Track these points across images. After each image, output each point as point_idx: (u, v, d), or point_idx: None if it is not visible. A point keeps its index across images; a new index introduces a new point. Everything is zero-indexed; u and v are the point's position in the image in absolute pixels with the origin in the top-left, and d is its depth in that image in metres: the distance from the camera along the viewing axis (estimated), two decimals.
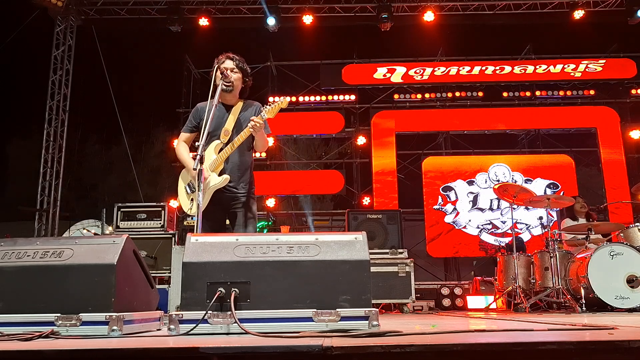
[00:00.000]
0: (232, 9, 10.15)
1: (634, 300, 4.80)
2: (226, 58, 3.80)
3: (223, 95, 3.75)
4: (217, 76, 3.73)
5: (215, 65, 3.76)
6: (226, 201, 3.68)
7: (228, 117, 3.78)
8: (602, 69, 10.38)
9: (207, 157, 3.66)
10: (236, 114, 3.80)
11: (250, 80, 3.96)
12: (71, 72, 10.36)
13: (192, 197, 3.68)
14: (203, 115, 3.70)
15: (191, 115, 3.89)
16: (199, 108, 3.87)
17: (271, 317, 2.27)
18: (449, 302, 7.72)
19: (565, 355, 1.62)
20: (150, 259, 6.46)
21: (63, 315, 2.28)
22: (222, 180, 3.61)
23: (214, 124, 3.69)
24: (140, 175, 15.88)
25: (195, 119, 3.85)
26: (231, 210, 3.72)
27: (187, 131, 3.89)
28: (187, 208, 3.73)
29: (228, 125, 3.75)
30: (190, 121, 3.87)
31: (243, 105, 3.88)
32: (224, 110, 3.81)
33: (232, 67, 3.77)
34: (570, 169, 9.96)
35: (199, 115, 3.81)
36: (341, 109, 10.60)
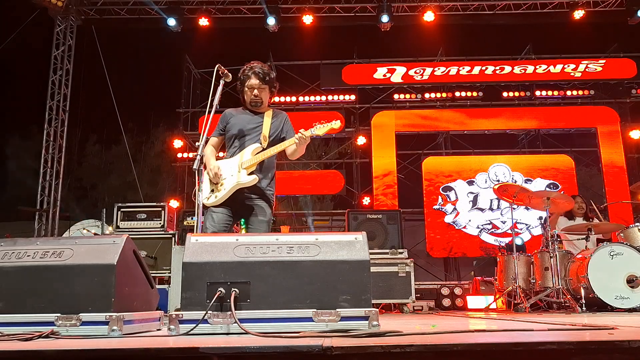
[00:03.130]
0: (232, 9, 10.15)
1: (634, 300, 4.80)
2: (252, 73, 3.86)
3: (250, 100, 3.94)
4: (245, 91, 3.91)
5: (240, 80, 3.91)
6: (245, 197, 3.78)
7: (263, 123, 3.91)
8: (602, 69, 10.38)
9: (242, 155, 3.79)
10: (269, 122, 3.92)
11: (277, 88, 4.07)
12: (71, 72, 10.36)
13: (213, 188, 3.78)
14: (231, 120, 3.92)
15: (220, 121, 4.02)
16: (227, 113, 4.03)
17: (271, 317, 2.27)
18: (449, 302, 7.72)
19: (566, 355, 1.62)
20: (150, 259, 6.46)
21: (63, 315, 2.28)
22: (251, 180, 3.72)
23: (240, 127, 3.87)
24: (140, 175, 15.90)
25: (222, 123, 3.99)
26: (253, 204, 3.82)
27: (215, 135, 4.01)
28: (204, 198, 3.78)
29: (265, 131, 3.88)
30: (219, 126, 4.00)
31: (273, 112, 4.01)
32: (253, 116, 3.96)
33: (258, 84, 3.87)
34: (570, 169, 9.96)
35: (227, 120, 3.97)
36: (341, 109, 10.59)
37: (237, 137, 3.89)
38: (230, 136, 3.91)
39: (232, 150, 3.88)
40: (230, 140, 3.92)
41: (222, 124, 3.99)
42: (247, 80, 3.88)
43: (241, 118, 3.95)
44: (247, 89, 3.89)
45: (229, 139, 3.94)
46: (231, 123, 3.94)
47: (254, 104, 3.90)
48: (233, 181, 3.71)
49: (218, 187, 3.75)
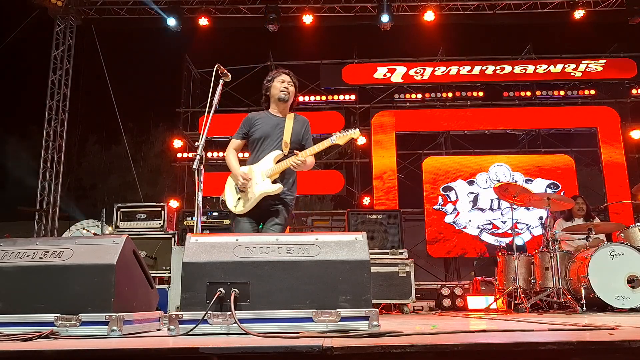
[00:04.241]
0: (232, 9, 10.15)
1: (635, 301, 4.80)
2: (282, 73, 4.09)
3: (276, 105, 4.04)
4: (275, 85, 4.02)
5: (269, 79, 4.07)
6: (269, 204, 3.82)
7: (284, 129, 3.95)
8: (602, 68, 10.37)
9: (265, 163, 3.84)
10: (290, 126, 3.97)
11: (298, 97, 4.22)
12: (71, 72, 10.36)
13: (239, 196, 3.83)
14: (254, 124, 3.97)
15: (242, 124, 4.06)
16: (250, 117, 4.07)
17: (271, 318, 2.26)
18: (449, 303, 7.72)
19: (566, 355, 1.62)
20: (150, 259, 6.46)
21: (63, 316, 2.28)
22: (277, 189, 3.78)
23: (263, 131, 3.93)
24: (140, 175, 15.90)
25: (245, 127, 4.03)
26: (272, 209, 3.85)
27: (237, 138, 4.04)
28: (232, 206, 3.86)
29: (286, 137, 3.93)
30: (242, 129, 4.03)
31: (294, 117, 4.08)
32: (275, 120, 4.00)
33: (289, 80, 4.05)
34: (570, 169, 9.95)
35: (250, 123, 4.01)
36: (341, 109, 10.59)
37: (259, 141, 3.93)
38: (253, 140, 3.96)
39: (255, 155, 3.92)
40: (253, 144, 3.97)
41: (245, 128, 4.02)
42: (277, 76, 4.05)
43: (264, 122, 3.99)
44: (277, 83, 4.02)
45: (251, 142, 3.98)
46: (254, 127, 3.98)
47: (283, 96, 3.98)
48: (259, 190, 3.77)
49: (245, 195, 3.80)
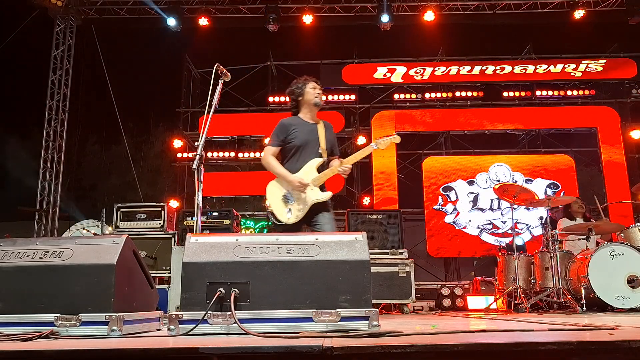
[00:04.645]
0: (232, 9, 10.14)
1: (635, 301, 4.80)
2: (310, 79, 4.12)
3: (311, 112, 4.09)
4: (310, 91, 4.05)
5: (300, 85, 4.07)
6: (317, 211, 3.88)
7: (319, 136, 4.02)
8: (602, 68, 10.37)
9: (308, 171, 3.88)
10: (323, 133, 4.05)
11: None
12: (71, 71, 10.36)
13: (289, 206, 3.82)
14: (291, 131, 3.96)
15: (278, 131, 4.02)
16: (287, 124, 4.05)
17: (271, 318, 2.26)
18: (449, 303, 7.72)
19: (566, 355, 1.62)
20: (150, 259, 6.46)
21: (63, 316, 2.28)
22: (327, 196, 3.86)
23: (302, 139, 3.96)
24: (140, 175, 15.90)
25: (282, 134, 4.00)
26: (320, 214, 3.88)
27: (275, 146, 4.00)
28: (284, 217, 3.82)
29: (322, 144, 4.01)
30: (278, 136, 4.00)
31: (324, 123, 4.14)
32: (309, 127, 4.05)
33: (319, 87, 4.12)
34: (570, 169, 9.95)
35: (288, 130, 3.99)
36: (341, 109, 10.59)
37: (299, 149, 3.94)
38: (292, 147, 3.95)
39: (294, 163, 3.92)
40: (291, 152, 3.96)
41: (283, 135, 3.99)
42: (308, 83, 4.07)
43: (301, 129, 4.00)
44: (310, 89, 4.06)
45: (289, 149, 3.97)
46: (292, 134, 3.97)
47: (319, 101, 4.05)
48: (311, 197, 3.81)
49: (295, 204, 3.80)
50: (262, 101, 11.00)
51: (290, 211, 3.80)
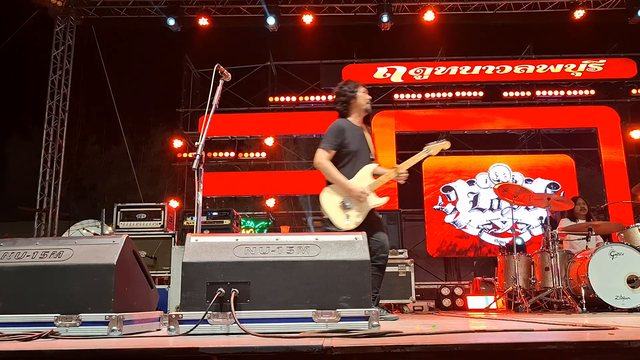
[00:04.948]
0: (232, 9, 10.15)
1: (635, 301, 4.80)
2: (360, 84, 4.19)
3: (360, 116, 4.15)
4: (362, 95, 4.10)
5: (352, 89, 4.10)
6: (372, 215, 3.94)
7: (368, 142, 4.08)
8: (602, 68, 10.37)
9: (363, 177, 3.91)
10: (369, 138, 4.12)
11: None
12: (71, 71, 10.36)
13: (347, 213, 3.80)
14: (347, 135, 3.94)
15: (335, 134, 3.97)
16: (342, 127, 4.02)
17: (271, 318, 2.26)
18: (449, 303, 7.72)
19: (566, 355, 1.62)
20: (149, 259, 6.46)
21: (63, 316, 2.28)
22: (383, 202, 3.94)
23: (357, 144, 3.97)
24: (140, 175, 15.90)
25: (340, 137, 3.95)
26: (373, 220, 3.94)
27: (332, 149, 3.94)
28: (343, 224, 3.80)
29: (371, 148, 4.08)
30: (336, 139, 3.94)
31: (367, 129, 4.19)
32: (360, 131, 4.08)
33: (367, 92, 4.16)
34: (570, 169, 9.95)
35: (345, 135, 3.96)
36: None
37: (355, 154, 3.93)
38: (348, 152, 3.92)
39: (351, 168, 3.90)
40: (348, 156, 3.93)
41: (339, 139, 3.94)
42: (359, 87, 4.11)
43: (354, 133, 3.99)
44: (362, 94, 4.09)
45: (345, 154, 3.93)
46: (347, 139, 3.94)
47: (369, 109, 4.13)
48: (370, 204, 3.83)
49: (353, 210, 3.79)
50: (262, 101, 11.01)
51: (349, 217, 3.77)
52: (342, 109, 4.11)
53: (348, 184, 3.81)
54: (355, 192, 3.77)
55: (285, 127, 10.69)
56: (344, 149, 3.91)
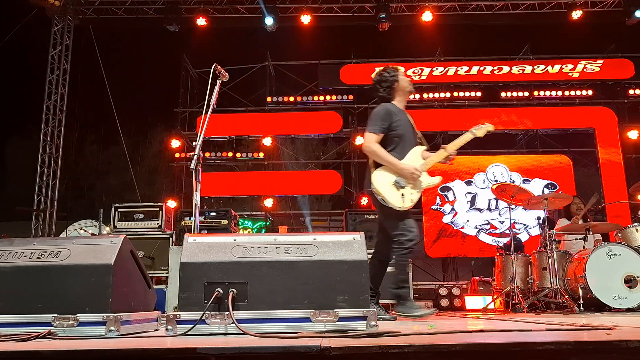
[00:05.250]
0: (230, 9, 10.14)
1: (632, 301, 4.81)
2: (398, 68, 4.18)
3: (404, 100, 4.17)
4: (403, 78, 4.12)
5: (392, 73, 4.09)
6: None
7: (412, 124, 4.08)
8: (600, 69, 10.40)
9: (413, 158, 3.91)
10: (413, 121, 4.13)
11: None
12: (68, 71, 10.35)
13: (402, 191, 3.79)
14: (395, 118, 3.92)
15: (383, 117, 3.91)
16: (390, 110, 3.97)
17: (269, 318, 2.26)
18: (447, 303, 7.72)
19: (564, 355, 1.62)
20: (147, 259, 6.45)
21: (60, 316, 2.28)
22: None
23: (405, 127, 3.97)
24: (138, 175, 15.88)
25: (387, 121, 3.90)
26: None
27: (380, 132, 3.88)
28: (399, 203, 3.77)
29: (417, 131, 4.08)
30: (383, 122, 3.89)
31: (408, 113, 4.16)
32: (405, 115, 4.07)
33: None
34: (568, 169, 9.97)
35: (393, 118, 3.93)
36: (339, 109, 10.60)
37: (401, 138, 3.91)
38: (396, 136, 3.90)
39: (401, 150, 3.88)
40: (397, 139, 3.90)
41: (387, 122, 3.89)
42: (399, 70, 4.13)
43: (401, 117, 3.99)
44: (403, 77, 4.13)
45: (394, 137, 3.90)
46: (395, 122, 3.91)
47: (412, 89, 4.20)
48: (423, 182, 3.86)
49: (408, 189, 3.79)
50: (260, 101, 11.00)
51: (404, 196, 3.77)
52: (386, 95, 4.09)
53: (399, 163, 3.81)
54: (408, 169, 3.78)
55: (283, 127, 10.69)
56: (392, 132, 3.88)
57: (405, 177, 3.80)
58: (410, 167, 3.80)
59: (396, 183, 3.81)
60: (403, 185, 3.80)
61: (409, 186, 3.80)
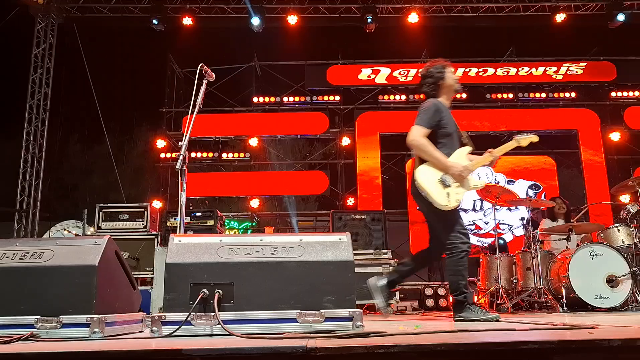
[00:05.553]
0: (216, 9, 10.09)
1: (614, 300, 4.88)
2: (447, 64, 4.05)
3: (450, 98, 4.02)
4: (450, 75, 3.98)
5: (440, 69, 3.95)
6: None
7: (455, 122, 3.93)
8: (583, 71, 10.53)
9: (459, 157, 3.79)
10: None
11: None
12: (52, 70, 10.22)
13: (447, 190, 3.66)
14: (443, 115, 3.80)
15: (433, 113, 3.77)
16: (440, 106, 3.86)
17: (255, 319, 2.26)
18: (432, 303, 7.76)
19: (547, 354, 1.64)
20: (132, 260, 6.40)
21: (43, 318, 2.25)
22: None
23: (453, 125, 3.86)
24: (123, 175, 15.74)
25: (438, 116, 3.77)
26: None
27: (429, 127, 3.73)
28: (444, 202, 3.64)
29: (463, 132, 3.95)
30: (433, 117, 3.76)
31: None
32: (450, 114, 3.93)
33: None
34: (551, 170, 10.08)
35: (442, 114, 3.80)
36: (326, 110, 10.60)
37: (449, 136, 3.80)
38: (444, 133, 3.78)
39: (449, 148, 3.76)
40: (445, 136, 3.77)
41: (437, 118, 3.76)
42: (447, 67, 3.99)
43: (448, 114, 3.86)
44: (450, 74, 3.98)
45: (443, 134, 3.77)
46: (444, 119, 3.80)
47: (459, 88, 4.05)
48: (470, 184, 3.75)
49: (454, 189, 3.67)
50: (247, 101, 10.96)
51: (449, 195, 3.65)
52: (430, 91, 3.95)
53: (447, 161, 3.68)
54: (457, 168, 3.66)
55: (269, 128, 10.67)
56: (441, 129, 3.76)
57: (453, 175, 3.68)
58: (459, 165, 3.67)
59: (442, 181, 3.67)
60: (449, 183, 3.67)
61: (455, 185, 3.68)
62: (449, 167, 3.67)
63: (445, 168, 3.68)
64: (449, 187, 3.66)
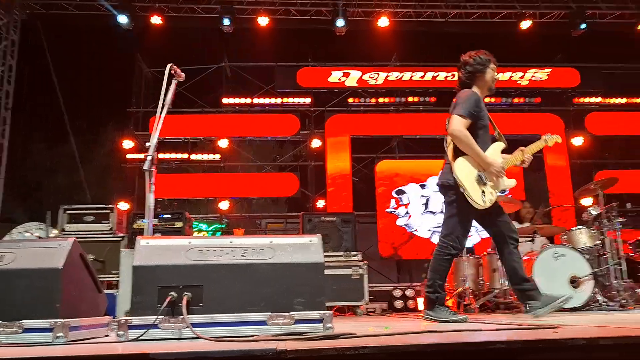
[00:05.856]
0: (185, 8, 9.98)
1: (576, 300, 5.01)
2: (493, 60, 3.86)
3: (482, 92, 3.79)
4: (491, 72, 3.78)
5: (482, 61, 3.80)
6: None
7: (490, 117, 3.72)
8: (547, 77, 10.81)
9: (495, 153, 3.67)
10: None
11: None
12: (14, 68, 9.92)
13: (483, 189, 3.51)
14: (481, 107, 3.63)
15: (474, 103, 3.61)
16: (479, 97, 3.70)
17: (224, 322, 2.23)
18: (401, 304, 7.83)
19: (514, 353, 1.68)
20: (98, 262, 6.26)
21: (3, 323, 2.18)
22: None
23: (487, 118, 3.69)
24: (88, 175, 15.38)
25: (477, 108, 3.62)
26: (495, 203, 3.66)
27: (469, 118, 3.56)
28: (479, 200, 3.48)
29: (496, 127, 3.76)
30: (473, 109, 3.59)
31: None
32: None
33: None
34: (517, 173, 10.28)
35: (479, 105, 3.64)
36: (296, 112, 10.60)
37: (485, 129, 3.64)
38: (481, 126, 3.61)
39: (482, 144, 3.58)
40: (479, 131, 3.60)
41: (477, 108, 3.60)
42: (491, 63, 3.78)
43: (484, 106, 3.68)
44: (492, 71, 3.78)
45: (478, 127, 3.60)
46: (482, 111, 3.64)
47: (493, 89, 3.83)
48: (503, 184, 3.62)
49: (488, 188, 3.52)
50: (216, 102, 10.87)
51: (484, 194, 3.50)
52: (465, 79, 3.81)
53: (487, 157, 3.54)
54: (496, 167, 3.53)
55: (239, 129, 10.60)
56: (479, 121, 3.60)
57: (490, 173, 3.55)
58: (498, 165, 3.56)
59: (479, 178, 3.54)
60: (485, 182, 3.54)
61: (490, 184, 3.55)
62: (489, 164, 3.55)
63: (485, 165, 3.55)
64: (484, 185, 3.54)
